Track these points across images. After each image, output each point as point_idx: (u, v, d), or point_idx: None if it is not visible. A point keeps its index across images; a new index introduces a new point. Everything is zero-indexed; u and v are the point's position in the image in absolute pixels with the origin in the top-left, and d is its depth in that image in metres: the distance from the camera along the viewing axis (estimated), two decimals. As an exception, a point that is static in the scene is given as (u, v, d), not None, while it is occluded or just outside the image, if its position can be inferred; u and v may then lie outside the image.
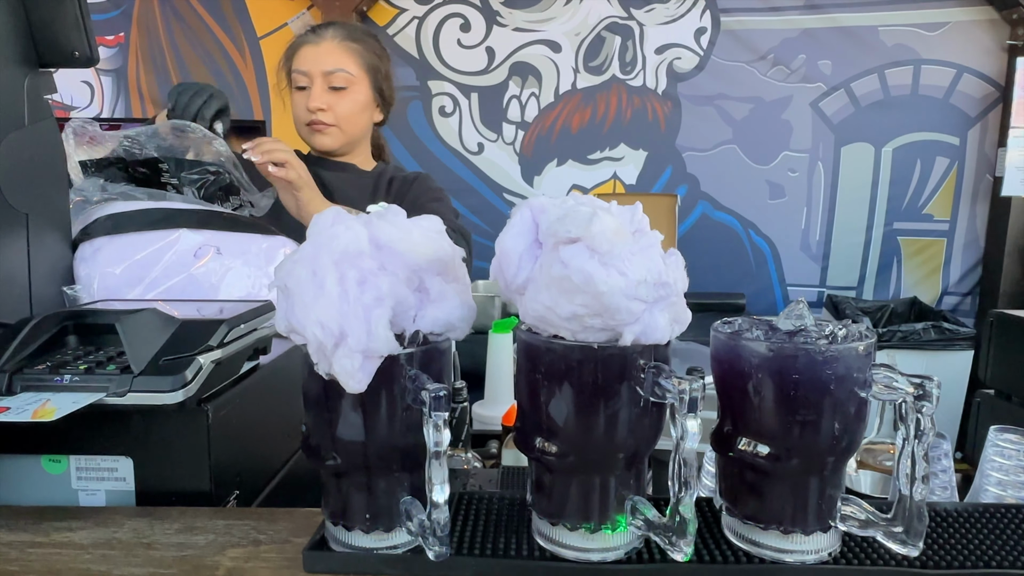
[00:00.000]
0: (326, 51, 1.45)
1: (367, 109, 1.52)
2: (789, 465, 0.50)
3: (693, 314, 0.50)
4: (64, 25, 0.78)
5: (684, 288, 0.48)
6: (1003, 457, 0.67)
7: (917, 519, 0.48)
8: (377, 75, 1.52)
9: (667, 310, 0.46)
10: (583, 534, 0.51)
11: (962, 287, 3.16)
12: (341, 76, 1.45)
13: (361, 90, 1.49)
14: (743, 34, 3.13)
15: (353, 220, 0.50)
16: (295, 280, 0.49)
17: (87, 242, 0.86)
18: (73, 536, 0.56)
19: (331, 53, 1.45)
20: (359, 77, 1.48)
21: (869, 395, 0.49)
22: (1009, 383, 1.13)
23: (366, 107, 1.52)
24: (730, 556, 0.52)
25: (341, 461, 0.51)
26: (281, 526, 0.58)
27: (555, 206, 0.49)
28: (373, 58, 1.51)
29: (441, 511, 0.47)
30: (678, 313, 0.47)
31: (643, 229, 0.48)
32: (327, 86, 1.45)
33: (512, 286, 0.50)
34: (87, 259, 0.85)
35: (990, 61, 3.00)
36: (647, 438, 0.50)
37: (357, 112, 1.50)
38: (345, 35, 1.48)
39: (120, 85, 3.30)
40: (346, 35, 1.48)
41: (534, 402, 0.50)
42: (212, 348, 0.64)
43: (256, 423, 0.74)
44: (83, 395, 0.57)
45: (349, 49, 1.47)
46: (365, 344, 0.46)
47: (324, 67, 1.44)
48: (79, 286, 0.83)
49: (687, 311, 0.48)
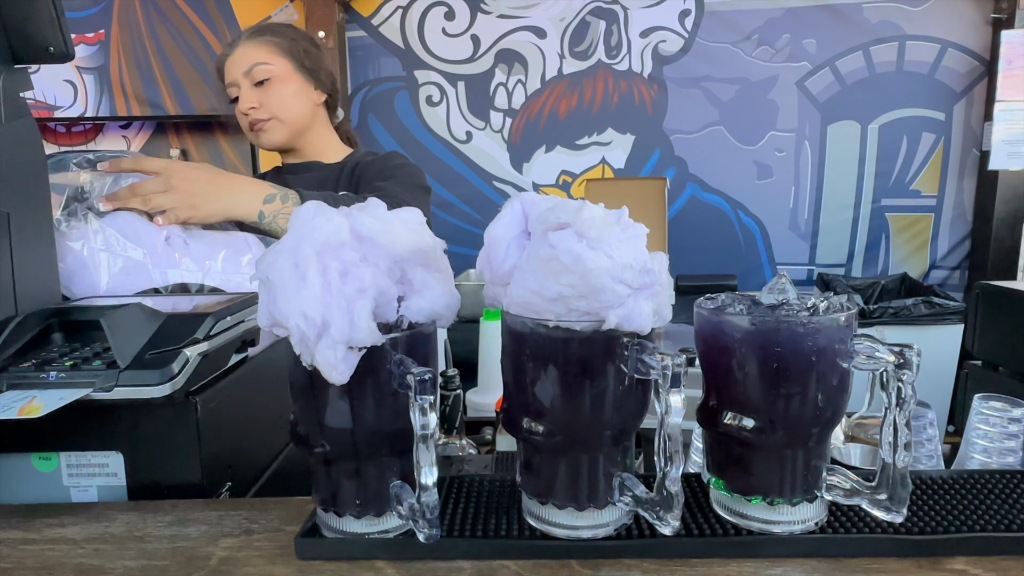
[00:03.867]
0: (240, 54, 1.46)
1: (300, 93, 1.49)
2: (774, 437, 0.50)
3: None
4: (38, 20, 0.77)
5: (669, 285, 0.49)
6: (987, 424, 0.68)
7: (901, 486, 0.48)
8: (298, 56, 1.49)
9: (651, 299, 0.47)
10: (572, 511, 0.51)
11: (950, 261, 3.19)
12: (260, 69, 1.44)
13: (287, 76, 1.47)
14: (727, 15, 3.13)
15: (334, 212, 0.50)
16: (277, 272, 0.49)
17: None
18: (65, 532, 0.56)
19: (244, 54, 1.45)
20: (280, 64, 1.46)
21: (851, 365, 0.50)
22: (996, 354, 1.14)
23: (298, 92, 1.49)
24: (718, 528, 0.53)
25: (330, 448, 0.51)
26: (273, 515, 0.59)
27: (546, 200, 0.50)
28: (287, 42, 1.49)
29: (430, 494, 0.48)
30: (661, 305, 0.48)
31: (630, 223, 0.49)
32: (251, 84, 1.45)
33: (499, 273, 0.51)
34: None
35: (974, 35, 3.00)
36: (633, 415, 0.51)
37: (288, 98, 1.48)
38: (253, 32, 1.49)
39: (103, 83, 3.27)
40: (254, 32, 1.49)
41: (520, 383, 0.51)
42: (198, 341, 0.64)
43: (247, 414, 0.74)
44: (69, 391, 0.57)
45: (261, 43, 1.47)
46: (348, 335, 0.46)
47: (242, 68, 1.44)
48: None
49: (669, 307, 0.49)
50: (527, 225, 0.49)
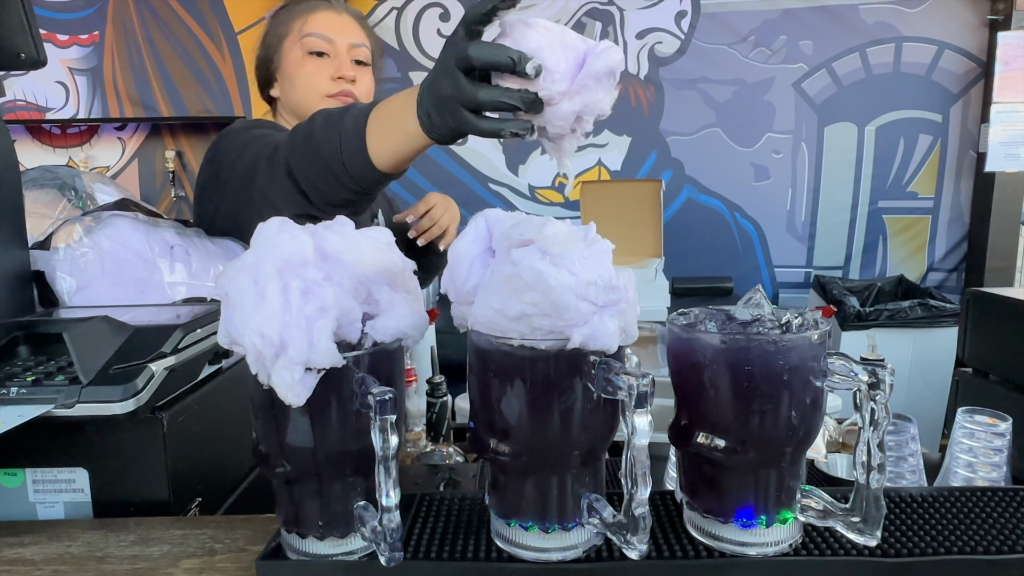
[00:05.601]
0: (348, 23, 1.31)
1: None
2: (747, 457, 0.49)
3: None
4: (8, 27, 0.76)
5: (635, 302, 0.47)
6: (972, 439, 0.67)
7: (875, 508, 0.47)
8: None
9: (617, 317, 0.45)
10: (539, 534, 0.50)
11: (947, 263, 3.17)
12: (364, 51, 1.32)
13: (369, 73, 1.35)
14: (724, 16, 3.11)
15: (299, 229, 0.49)
16: (236, 288, 0.48)
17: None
18: (24, 552, 0.55)
19: (353, 27, 1.32)
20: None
21: (824, 384, 0.48)
22: (987, 361, 1.13)
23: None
24: (690, 551, 0.51)
25: (291, 468, 0.50)
26: (238, 534, 0.58)
27: (510, 216, 0.49)
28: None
29: (392, 516, 0.46)
30: (628, 323, 0.46)
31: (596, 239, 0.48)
32: (351, 58, 1.30)
33: (463, 292, 0.50)
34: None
35: (971, 37, 2.99)
36: (601, 435, 0.49)
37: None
38: (359, 16, 1.36)
39: (96, 85, 3.26)
40: (359, 16, 1.36)
41: (485, 402, 0.49)
42: (165, 355, 0.63)
43: (218, 428, 0.73)
44: (30, 407, 0.56)
45: (365, 30, 1.35)
46: (306, 355, 0.45)
47: (350, 38, 1.30)
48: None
49: (635, 325, 0.48)
50: (491, 242, 0.48)
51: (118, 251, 0.86)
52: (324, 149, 0.85)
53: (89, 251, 0.84)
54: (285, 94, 1.33)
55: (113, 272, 0.85)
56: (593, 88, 0.64)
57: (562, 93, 0.64)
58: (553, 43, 0.65)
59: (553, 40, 0.65)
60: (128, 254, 0.86)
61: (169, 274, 0.88)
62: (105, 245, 0.85)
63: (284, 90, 1.33)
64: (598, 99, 0.65)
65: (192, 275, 0.90)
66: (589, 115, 0.66)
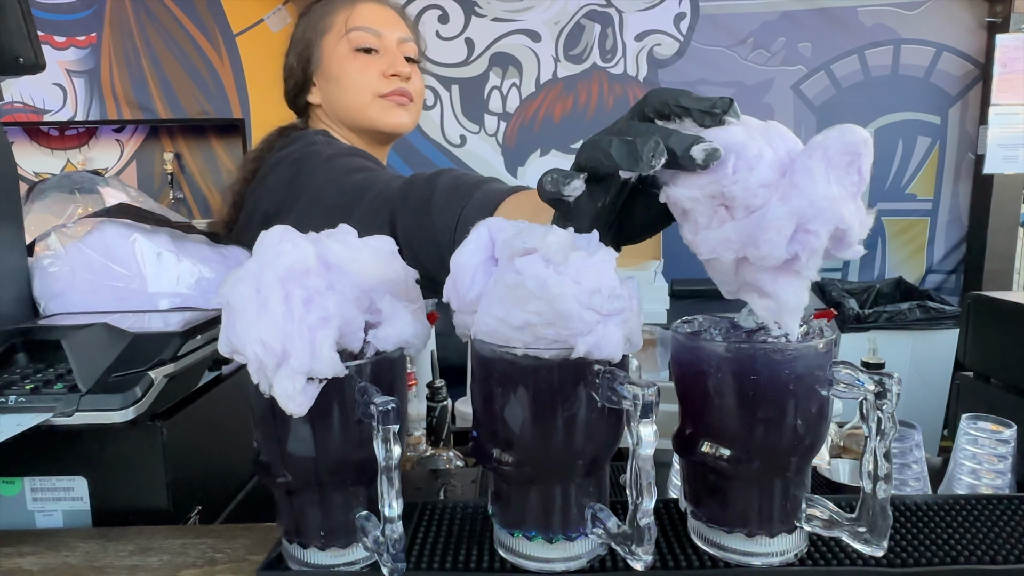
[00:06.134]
0: (394, 17, 1.20)
1: None
2: (752, 467, 0.49)
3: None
4: (7, 31, 0.75)
5: (639, 310, 0.47)
6: (976, 446, 0.67)
7: (881, 518, 0.47)
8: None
9: (622, 326, 0.45)
10: (543, 544, 0.50)
11: (946, 265, 3.17)
12: (413, 47, 1.20)
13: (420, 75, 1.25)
14: (722, 18, 3.11)
15: (301, 238, 0.49)
16: (238, 297, 0.47)
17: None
18: (22, 562, 0.55)
19: (399, 20, 1.21)
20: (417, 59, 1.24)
21: (830, 393, 0.48)
22: (988, 365, 1.13)
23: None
24: (695, 560, 0.51)
25: (292, 478, 0.49)
26: (239, 544, 0.57)
27: (513, 225, 0.48)
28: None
29: (394, 527, 0.46)
30: (632, 332, 0.46)
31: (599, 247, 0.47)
32: (402, 54, 1.18)
33: (465, 301, 0.49)
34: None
35: (969, 39, 2.99)
36: (605, 444, 0.49)
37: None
38: (400, 9, 1.25)
39: (93, 87, 3.25)
40: (401, 10, 1.25)
41: (489, 411, 0.49)
42: (165, 362, 0.62)
43: (218, 435, 0.72)
44: (28, 416, 0.56)
45: (409, 25, 1.23)
46: (308, 365, 0.45)
47: (399, 32, 1.18)
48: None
49: (640, 334, 0.47)
50: (494, 251, 0.47)
51: (93, 260, 0.84)
52: (439, 220, 0.78)
53: (60, 260, 0.83)
54: (329, 98, 1.20)
55: (88, 280, 0.84)
56: (820, 182, 0.41)
57: (767, 186, 0.42)
58: (751, 131, 0.45)
59: (751, 129, 0.45)
60: (105, 263, 0.85)
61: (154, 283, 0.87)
62: (78, 254, 0.84)
63: (328, 93, 1.20)
64: (830, 202, 0.41)
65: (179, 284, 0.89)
66: (817, 230, 0.41)
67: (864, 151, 0.42)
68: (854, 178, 0.43)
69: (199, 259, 0.93)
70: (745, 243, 0.42)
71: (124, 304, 0.85)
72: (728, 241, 0.43)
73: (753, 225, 0.42)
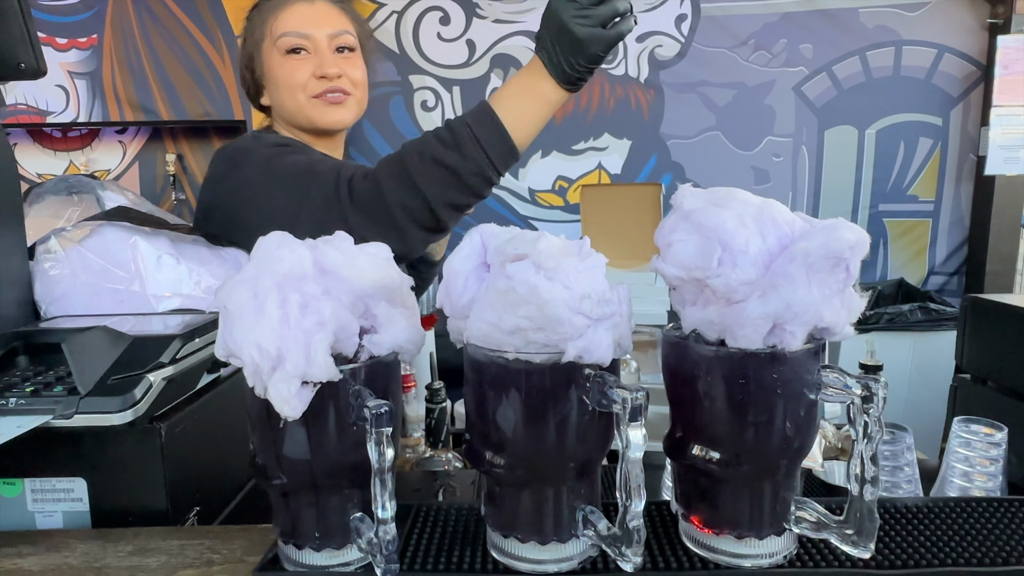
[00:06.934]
0: (324, 12, 1.21)
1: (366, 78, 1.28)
2: (741, 470, 0.49)
3: None
4: (9, 37, 0.76)
5: (629, 315, 0.48)
6: (967, 448, 0.67)
7: (868, 520, 0.47)
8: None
9: (612, 330, 0.46)
10: (535, 545, 0.50)
11: (948, 267, 3.17)
12: (348, 37, 1.22)
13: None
14: (724, 20, 3.11)
15: (298, 244, 0.50)
16: (235, 301, 0.48)
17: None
18: (23, 563, 0.56)
19: (328, 14, 1.22)
20: (357, 46, 1.26)
21: (818, 397, 0.48)
22: (985, 368, 1.13)
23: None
24: (685, 562, 0.52)
25: (288, 480, 0.50)
26: (236, 545, 0.58)
27: (505, 231, 0.50)
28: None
29: (388, 528, 0.47)
30: (623, 336, 0.47)
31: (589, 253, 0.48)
32: (332, 49, 1.20)
33: (458, 306, 0.50)
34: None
35: (971, 40, 2.98)
36: (596, 447, 0.50)
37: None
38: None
39: (95, 88, 3.26)
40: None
41: (481, 415, 0.50)
42: (164, 365, 0.63)
43: (217, 437, 0.73)
44: (28, 418, 0.56)
45: (345, 12, 1.25)
46: (303, 369, 0.45)
47: (328, 28, 1.20)
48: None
49: (630, 339, 0.48)
50: (486, 257, 0.48)
51: (93, 263, 0.85)
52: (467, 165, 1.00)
53: (61, 263, 0.84)
54: (274, 101, 1.26)
55: (89, 283, 0.84)
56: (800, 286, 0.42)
57: (748, 284, 0.43)
58: (744, 215, 0.45)
59: (744, 212, 0.45)
60: (105, 265, 0.86)
61: (154, 286, 0.87)
62: (78, 257, 0.85)
63: (272, 97, 1.26)
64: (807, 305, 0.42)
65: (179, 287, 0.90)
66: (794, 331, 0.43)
67: (851, 255, 0.43)
68: (840, 276, 0.44)
69: (198, 262, 0.93)
70: (724, 330, 0.46)
71: (124, 306, 0.85)
72: (710, 323, 0.46)
73: (732, 317, 0.44)
